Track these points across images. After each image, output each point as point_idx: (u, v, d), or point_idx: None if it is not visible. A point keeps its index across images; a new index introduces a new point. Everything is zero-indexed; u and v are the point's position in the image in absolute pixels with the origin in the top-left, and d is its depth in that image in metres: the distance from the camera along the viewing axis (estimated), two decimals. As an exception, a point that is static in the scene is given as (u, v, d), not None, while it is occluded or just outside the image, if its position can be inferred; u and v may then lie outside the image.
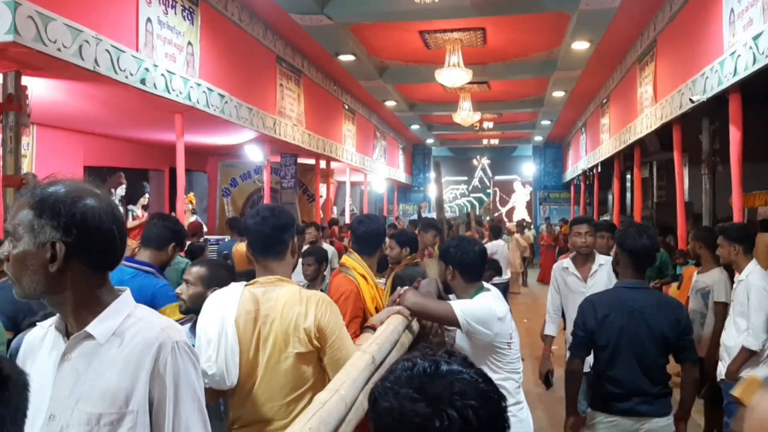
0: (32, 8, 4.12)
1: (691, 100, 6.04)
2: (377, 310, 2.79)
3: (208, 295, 2.38)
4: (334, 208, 15.49)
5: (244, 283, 2.22)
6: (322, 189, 13.01)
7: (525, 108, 15.02)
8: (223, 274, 2.63)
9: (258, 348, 2.08)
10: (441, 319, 2.52)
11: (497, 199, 24.08)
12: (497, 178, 24.60)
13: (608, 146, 11.62)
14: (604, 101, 12.22)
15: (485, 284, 2.62)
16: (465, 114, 12.66)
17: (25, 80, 4.58)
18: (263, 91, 8.42)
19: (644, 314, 2.73)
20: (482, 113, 13.98)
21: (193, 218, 9.45)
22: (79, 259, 1.31)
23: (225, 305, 2.12)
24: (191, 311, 2.51)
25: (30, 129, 8.05)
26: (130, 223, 7.81)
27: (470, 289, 2.60)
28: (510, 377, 2.51)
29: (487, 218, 20.51)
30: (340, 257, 8.84)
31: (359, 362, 1.48)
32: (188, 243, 6.20)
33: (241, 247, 6.69)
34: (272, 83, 8.77)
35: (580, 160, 16.21)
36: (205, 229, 10.04)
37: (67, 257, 1.29)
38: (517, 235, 13.40)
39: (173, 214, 9.34)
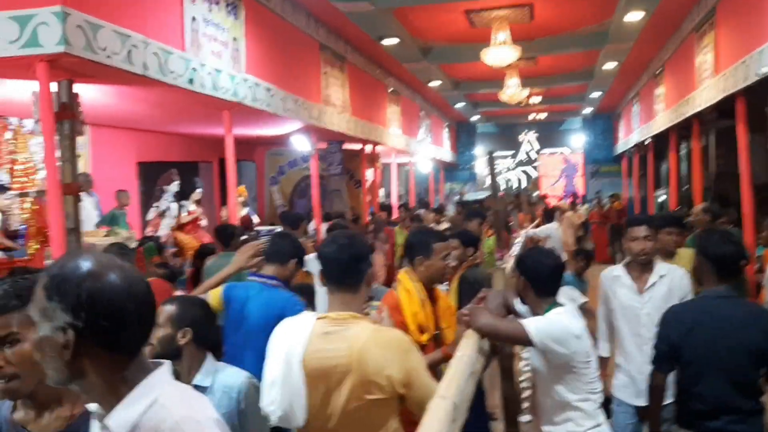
0: (81, 17, 4.13)
1: (757, 74, 5.69)
2: (420, 328, 2.70)
3: (179, 338, 2.24)
4: (381, 192, 15.43)
5: (315, 315, 2.08)
6: (368, 173, 12.94)
7: (573, 81, 14.56)
8: (196, 312, 2.35)
9: (330, 392, 1.93)
10: (514, 341, 2.41)
11: (543, 173, 23.62)
12: (544, 151, 24.11)
13: (664, 118, 11.16)
14: (658, 71, 11.73)
15: (560, 300, 2.50)
16: (512, 91, 12.36)
17: (77, 87, 4.63)
18: (308, 81, 8.36)
19: (734, 325, 2.55)
20: (529, 88, 13.61)
21: (244, 211, 9.53)
22: (95, 343, 1.17)
23: (292, 341, 1.98)
24: (161, 356, 2.13)
25: (84, 130, 8.22)
26: (184, 218, 7.92)
27: (543, 304, 2.47)
28: (588, 398, 2.37)
29: (535, 194, 20.13)
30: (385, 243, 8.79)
31: (440, 413, 1.39)
32: (241, 237, 6.23)
33: (294, 241, 6.70)
34: (316, 71, 8.70)
35: (633, 133, 15.67)
36: (256, 219, 10.12)
37: (80, 342, 1.16)
38: (569, 213, 13.05)
39: (225, 207, 9.47)
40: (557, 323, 2.29)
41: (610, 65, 12.25)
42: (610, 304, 3.47)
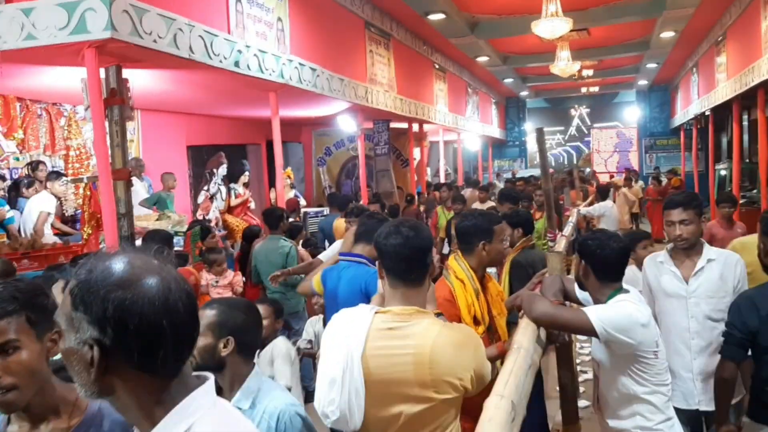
0: (127, 2, 4.12)
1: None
2: (475, 319, 2.54)
3: (220, 349, 1.97)
4: (428, 170, 15.26)
5: (374, 308, 1.89)
6: (416, 152, 12.79)
7: (628, 52, 14.00)
8: (239, 317, 2.06)
9: (392, 393, 1.77)
10: (574, 330, 2.27)
11: (596, 148, 22.96)
12: (596, 125, 23.43)
13: (726, 88, 10.61)
14: (720, 39, 11.12)
15: (625, 285, 2.35)
16: (563, 64, 11.95)
17: (126, 73, 4.65)
18: (353, 60, 8.25)
19: None
20: (581, 61, 13.16)
21: (291, 194, 9.55)
22: (125, 362, 1.02)
23: (351, 338, 1.81)
24: (202, 369, 1.64)
25: (135, 114, 8.34)
26: (233, 201, 7.97)
27: (606, 290, 2.30)
28: (657, 390, 2.22)
29: (587, 170, 19.59)
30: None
31: (499, 413, 1.28)
32: (289, 221, 6.22)
33: (340, 223, 6.65)
34: (362, 50, 8.58)
35: (691, 104, 14.99)
36: (303, 202, 10.14)
37: (108, 359, 1.02)
38: (624, 190, 12.63)
39: (273, 189, 9.50)
40: (621, 311, 2.13)
41: (667, 34, 11.70)
42: (654, 292, 3.13)
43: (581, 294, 2.43)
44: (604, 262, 2.30)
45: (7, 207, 5.89)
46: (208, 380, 1.12)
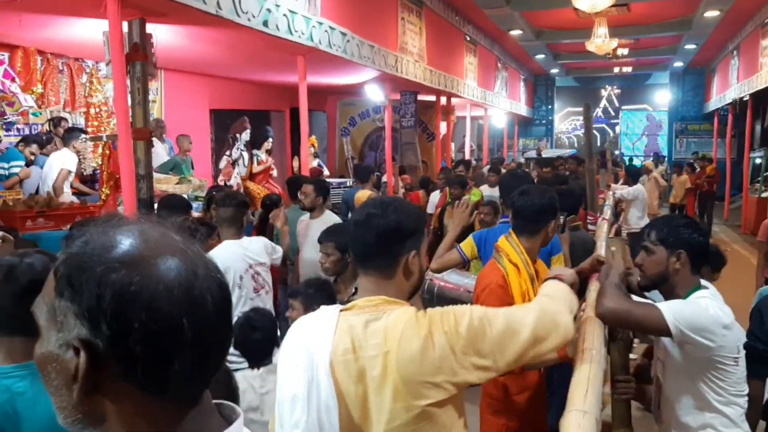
0: (152, -50, 3.88)
1: None
2: None
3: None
4: (453, 145, 14.91)
5: (338, 307, 1.54)
6: (442, 126, 12.46)
7: (667, 31, 13.46)
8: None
9: (367, 405, 1.43)
10: (646, 329, 2.01)
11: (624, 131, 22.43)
12: (625, 107, 22.85)
13: (771, 73, 10.14)
14: (767, 20, 10.61)
15: (703, 281, 2.06)
16: (600, 41, 11.52)
17: (150, 28, 4.41)
18: (384, 27, 7.94)
19: None
20: (618, 39, 12.67)
21: (314, 162, 9.32)
22: (123, 376, 0.70)
23: (314, 343, 1.46)
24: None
25: (158, 74, 8.12)
26: (255, 168, 7.76)
27: (691, 284, 2.02)
28: (733, 402, 1.95)
29: (616, 152, 19.12)
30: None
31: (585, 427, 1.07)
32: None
33: (363, 194, 6.43)
34: (393, 17, 8.26)
35: (729, 89, 14.44)
36: (326, 172, 9.92)
37: (98, 371, 0.69)
38: (655, 173, 12.18)
39: (296, 157, 9.26)
40: (702, 310, 1.86)
41: (712, 13, 11.19)
42: None
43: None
44: (704, 252, 2.02)
45: (22, 162, 5.73)
46: (238, 416, 0.80)
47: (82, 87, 6.70)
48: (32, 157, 5.91)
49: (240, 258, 3.52)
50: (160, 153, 7.26)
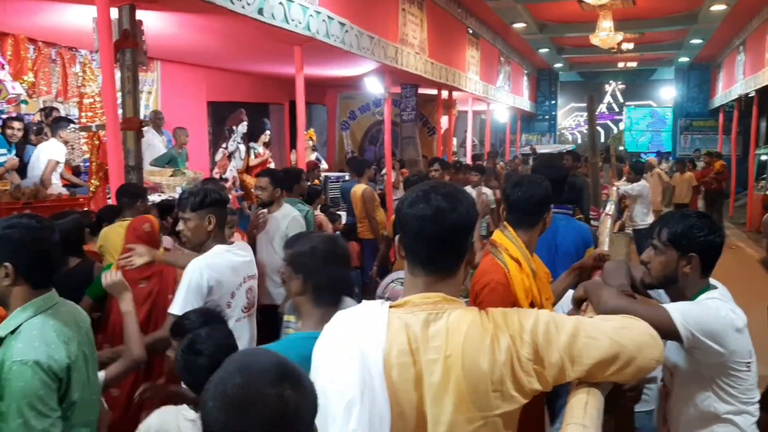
0: (141, -67, 3.74)
1: None
2: (532, 306, 2.09)
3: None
4: (454, 140, 14.75)
5: (383, 303, 1.39)
6: (443, 121, 12.30)
7: (673, 26, 13.28)
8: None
9: (422, 415, 1.29)
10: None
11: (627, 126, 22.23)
12: (629, 103, 22.66)
13: (778, 68, 9.97)
14: (775, 15, 10.45)
15: (712, 280, 1.92)
16: (604, 35, 11.36)
17: (140, 15, 4.28)
18: (384, 18, 7.79)
19: None
20: (623, 33, 12.50)
21: (312, 156, 9.18)
22: None
23: (365, 343, 1.30)
24: None
25: (154, 65, 7.99)
26: (252, 161, 7.64)
27: (701, 286, 1.88)
28: (744, 410, 1.81)
29: (621, 148, 18.94)
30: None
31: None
32: (306, 184, 5.88)
33: (359, 188, 6.30)
34: (394, 8, 8.11)
35: (735, 85, 14.27)
36: (324, 165, 9.78)
37: None
38: (659, 169, 11.99)
39: (294, 151, 9.12)
40: (714, 312, 1.72)
41: (718, 7, 11.02)
42: None
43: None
44: (715, 252, 1.86)
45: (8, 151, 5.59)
46: None
47: (74, 77, 6.57)
48: (19, 134, 5.70)
49: (233, 270, 2.79)
50: (158, 145, 7.14)
